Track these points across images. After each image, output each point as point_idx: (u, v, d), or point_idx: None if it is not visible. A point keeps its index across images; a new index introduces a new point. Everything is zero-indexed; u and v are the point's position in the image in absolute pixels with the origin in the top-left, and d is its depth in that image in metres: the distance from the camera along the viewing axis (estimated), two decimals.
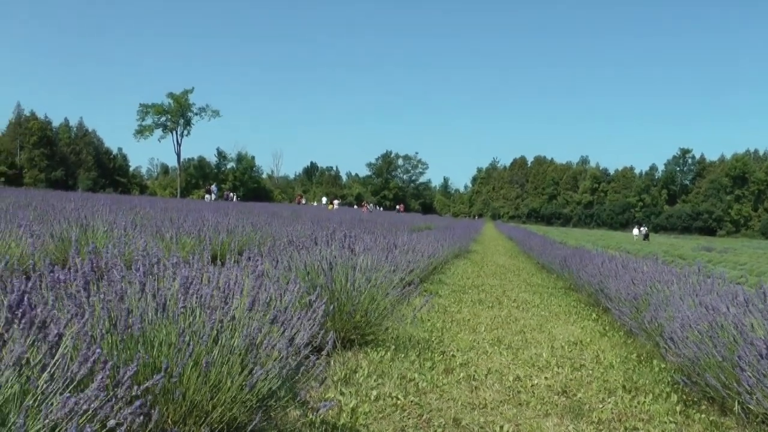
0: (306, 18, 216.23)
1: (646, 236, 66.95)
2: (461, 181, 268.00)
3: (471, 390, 6.00)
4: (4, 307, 2.56)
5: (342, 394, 5.38)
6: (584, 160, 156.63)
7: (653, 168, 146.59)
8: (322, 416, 4.62)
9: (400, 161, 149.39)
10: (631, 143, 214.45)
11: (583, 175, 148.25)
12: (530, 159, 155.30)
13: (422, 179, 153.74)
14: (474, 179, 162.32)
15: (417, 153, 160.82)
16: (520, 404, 5.69)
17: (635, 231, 73.24)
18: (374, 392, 5.49)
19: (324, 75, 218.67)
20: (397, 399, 5.43)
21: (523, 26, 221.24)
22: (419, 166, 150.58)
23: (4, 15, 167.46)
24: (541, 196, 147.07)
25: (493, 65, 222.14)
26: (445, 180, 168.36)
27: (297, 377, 4.31)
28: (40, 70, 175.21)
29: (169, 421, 3.56)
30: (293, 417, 4.48)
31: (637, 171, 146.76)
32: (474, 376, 6.47)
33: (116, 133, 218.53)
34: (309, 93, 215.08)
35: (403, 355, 6.89)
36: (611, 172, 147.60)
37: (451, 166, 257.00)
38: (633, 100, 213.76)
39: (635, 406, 5.82)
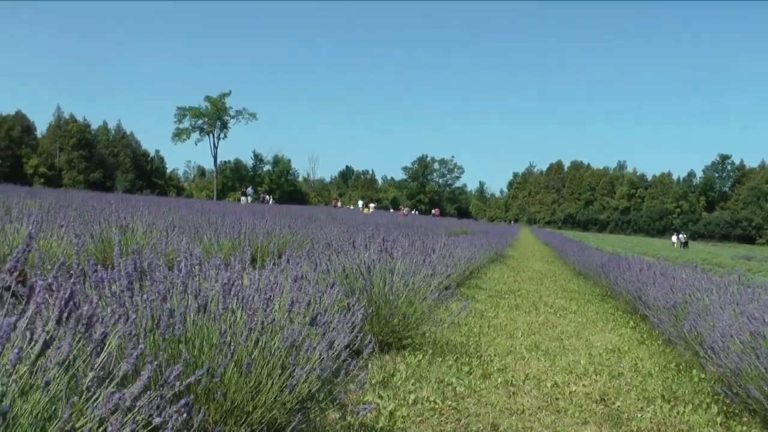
0: (343, 21, 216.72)
1: (685, 244, 66.36)
2: (497, 185, 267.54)
3: (509, 395, 5.98)
4: (54, 305, 2.59)
5: (380, 397, 5.38)
6: (621, 165, 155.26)
7: (691, 174, 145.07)
8: (360, 419, 4.62)
9: (436, 165, 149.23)
10: (669, 149, 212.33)
11: (620, 180, 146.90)
12: (567, 164, 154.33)
13: (458, 183, 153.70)
14: (510, 184, 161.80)
15: (453, 157, 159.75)
16: (558, 411, 5.65)
17: (674, 238, 72.61)
18: (412, 396, 5.49)
19: (361, 78, 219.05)
20: (435, 403, 5.42)
21: (560, 30, 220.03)
22: (455, 170, 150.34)
23: (45, 20, 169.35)
24: (578, 202, 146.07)
25: (530, 69, 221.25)
26: (481, 184, 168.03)
27: (336, 380, 4.32)
28: (79, 74, 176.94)
29: (210, 420, 3.59)
30: (332, 420, 4.49)
31: (675, 177, 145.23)
32: (511, 381, 6.44)
33: (154, 135, 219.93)
34: (346, 96, 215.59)
35: (440, 360, 6.88)
36: (649, 177, 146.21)
37: (487, 171, 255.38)
38: (671, 105, 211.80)
39: (674, 417, 5.76)
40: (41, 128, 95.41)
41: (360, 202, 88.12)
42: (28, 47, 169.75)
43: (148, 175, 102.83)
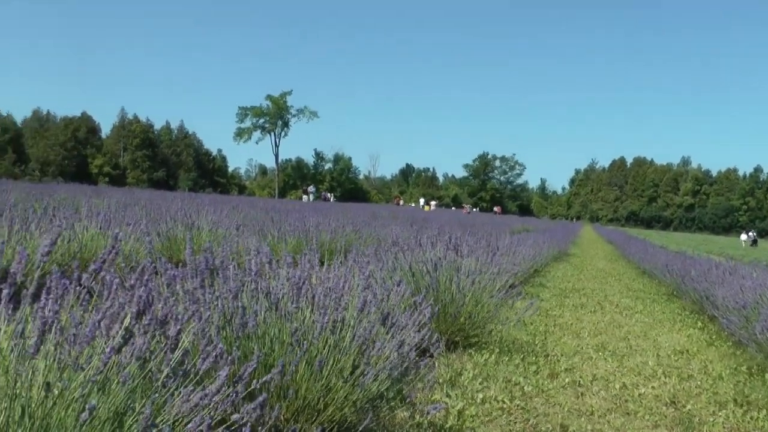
0: (403, 18, 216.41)
1: (754, 242, 64.94)
2: (559, 182, 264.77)
3: (577, 396, 5.91)
4: (132, 303, 2.62)
5: (448, 396, 5.35)
6: (685, 161, 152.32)
7: (758, 169, 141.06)
8: (429, 418, 4.60)
9: (497, 162, 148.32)
10: (735, 143, 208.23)
11: (684, 176, 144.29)
12: (629, 160, 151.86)
13: (519, 181, 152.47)
14: (572, 181, 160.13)
15: (514, 154, 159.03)
16: (627, 413, 5.55)
17: (743, 236, 70.87)
18: (480, 395, 5.46)
19: (420, 75, 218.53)
20: (503, 403, 5.38)
21: (623, 22, 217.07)
22: (516, 167, 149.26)
23: (109, 25, 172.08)
24: (641, 199, 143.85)
25: (592, 64, 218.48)
26: (543, 181, 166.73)
27: (404, 379, 4.31)
28: (143, 76, 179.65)
29: (282, 418, 3.60)
30: (401, 418, 4.47)
31: (741, 172, 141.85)
32: (579, 382, 6.36)
33: (216, 135, 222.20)
34: (406, 94, 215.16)
35: (507, 359, 6.83)
36: (714, 173, 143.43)
37: (548, 168, 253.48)
38: (737, 98, 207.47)
39: (748, 422, 5.60)
40: (106, 129, 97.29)
41: (421, 200, 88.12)
42: (94, 51, 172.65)
43: (211, 174, 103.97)
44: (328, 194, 78.37)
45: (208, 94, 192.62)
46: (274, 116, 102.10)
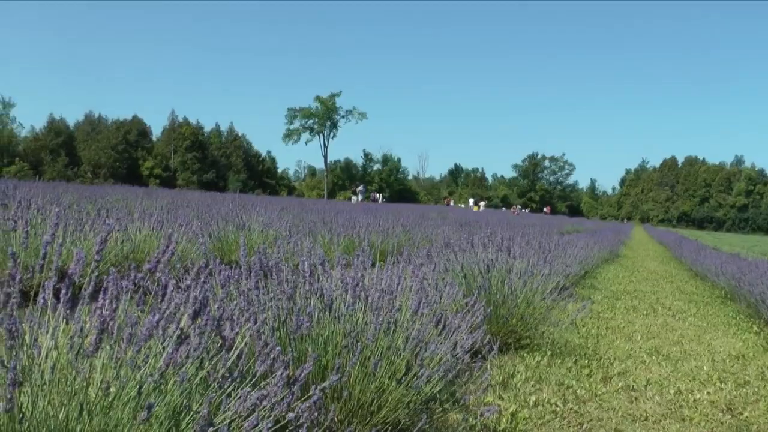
0: (450, 18, 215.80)
1: None
2: (609, 182, 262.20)
3: (630, 401, 5.82)
4: (189, 304, 2.63)
5: (501, 398, 5.32)
6: (738, 160, 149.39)
7: None
8: (482, 421, 4.57)
9: (547, 162, 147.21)
10: None
11: (738, 176, 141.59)
12: (681, 159, 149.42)
13: (569, 181, 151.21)
14: (622, 181, 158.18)
15: (564, 154, 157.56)
16: (683, 419, 5.45)
17: None
18: (533, 398, 5.41)
19: (468, 75, 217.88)
20: (556, 406, 5.33)
21: (672, 19, 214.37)
22: (566, 167, 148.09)
23: (160, 29, 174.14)
24: (692, 199, 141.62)
25: (643, 61, 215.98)
26: (592, 181, 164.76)
27: (457, 380, 4.29)
28: (193, 78, 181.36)
29: (336, 419, 3.60)
30: (453, 420, 4.45)
31: None
32: (633, 386, 6.27)
33: (265, 136, 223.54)
34: (454, 94, 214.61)
35: (559, 361, 6.77)
36: None
37: (598, 168, 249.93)
38: None
39: None
40: (156, 131, 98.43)
41: (470, 201, 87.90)
42: (144, 55, 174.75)
43: (260, 175, 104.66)
44: (377, 195, 78.46)
45: (257, 96, 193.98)
46: (323, 117, 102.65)
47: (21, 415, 2.21)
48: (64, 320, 2.46)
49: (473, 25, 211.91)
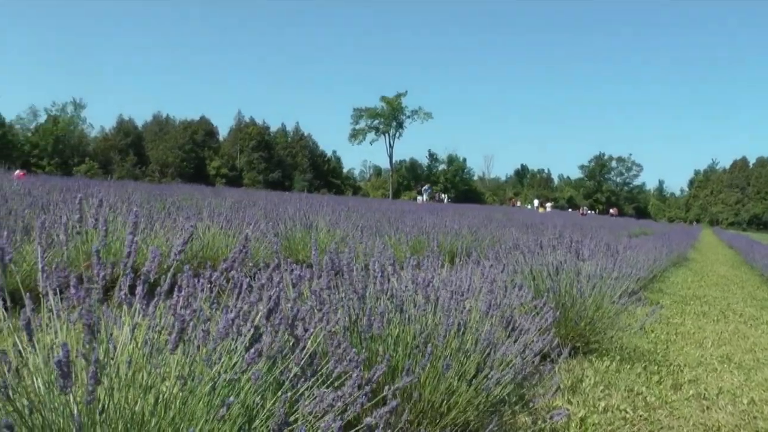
0: (517, 18, 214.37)
1: None
2: (677, 184, 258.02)
3: (702, 410, 5.69)
4: (263, 302, 2.65)
5: (570, 403, 5.26)
6: None
7: None
8: (551, 425, 4.53)
9: (614, 163, 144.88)
10: None
11: None
12: (752, 160, 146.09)
13: (636, 182, 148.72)
14: (690, 182, 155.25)
15: (631, 154, 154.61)
16: (757, 431, 5.35)
17: None
18: (602, 403, 5.34)
19: (535, 75, 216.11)
20: (626, 412, 5.25)
21: (737, 17, 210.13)
22: (633, 168, 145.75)
23: (225, 31, 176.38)
24: (764, 201, 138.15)
25: (712, 60, 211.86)
26: (660, 183, 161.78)
27: (525, 383, 4.26)
28: (260, 79, 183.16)
29: (406, 420, 3.59)
30: (522, 423, 4.41)
31: None
32: (704, 395, 6.13)
33: (331, 136, 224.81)
34: (521, 94, 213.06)
35: (628, 367, 6.67)
36: None
37: (666, 169, 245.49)
38: None
39: None
40: (223, 132, 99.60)
41: (536, 201, 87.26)
42: (212, 57, 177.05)
43: (325, 175, 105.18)
44: (442, 195, 78.38)
45: (323, 96, 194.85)
46: (389, 117, 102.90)
47: (102, 408, 2.24)
48: (141, 316, 2.51)
49: (539, 25, 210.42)
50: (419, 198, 63.15)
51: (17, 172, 25.55)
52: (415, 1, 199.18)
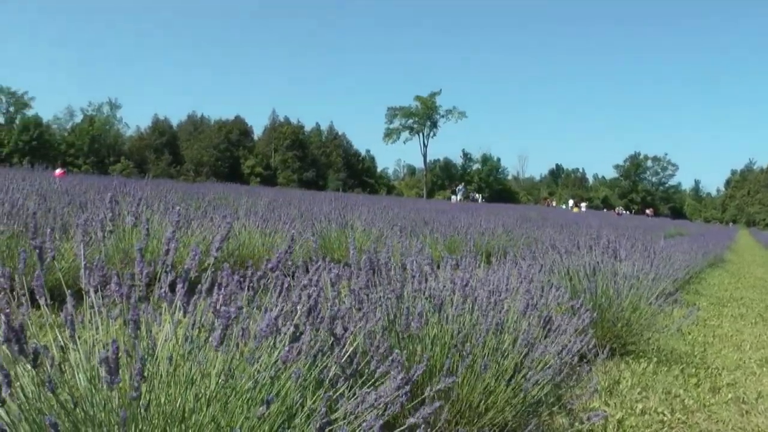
0: (548, 18, 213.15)
1: None
2: (713, 184, 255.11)
3: (741, 414, 5.62)
4: (303, 301, 2.67)
5: (607, 404, 5.23)
6: None
7: None
8: (588, 426, 4.50)
9: (649, 163, 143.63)
10: None
11: None
12: None
13: (671, 182, 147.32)
14: (727, 182, 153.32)
15: (666, 154, 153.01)
16: None
17: None
18: (639, 405, 5.30)
19: (570, 74, 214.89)
20: (664, 415, 5.20)
21: None
22: (668, 167, 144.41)
23: (262, 31, 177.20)
24: None
25: (749, 57, 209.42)
26: (696, 183, 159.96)
27: (563, 384, 4.23)
28: (295, 78, 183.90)
29: (443, 420, 3.58)
30: (559, 425, 4.38)
31: None
32: (743, 398, 6.05)
33: (364, 135, 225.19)
34: (555, 93, 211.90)
35: (665, 369, 6.61)
36: None
37: (702, 168, 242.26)
38: None
39: None
40: (257, 131, 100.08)
41: (570, 201, 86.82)
42: (247, 57, 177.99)
43: (359, 174, 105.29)
44: (476, 195, 78.25)
45: (357, 95, 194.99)
46: (423, 117, 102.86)
47: (146, 404, 2.27)
48: (181, 313, 2.53)
49: (573, 23, 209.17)
50: (453, 197, 63.10)
51: (57, 170, 25.77)
52: (448, 0, 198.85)
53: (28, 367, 2.18)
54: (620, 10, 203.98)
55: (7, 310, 2.18)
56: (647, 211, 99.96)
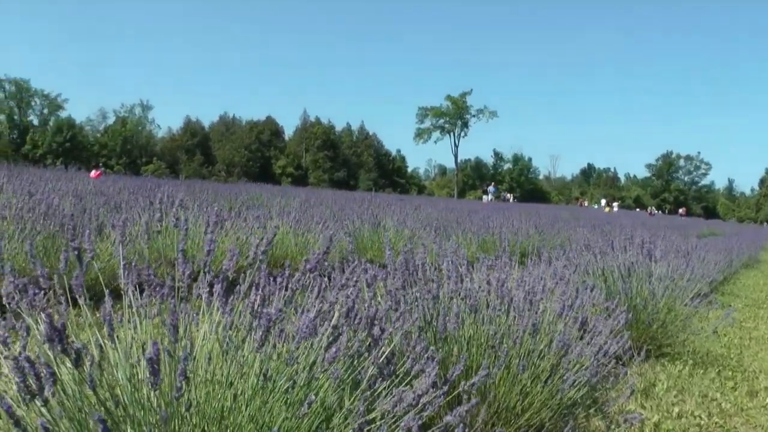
0: (581, 17, 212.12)
1: None
2: (747, 183, 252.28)
3: None
4: (341, 302, 2.68)
5: (642, 407, 5.19)
6: None
7: None
8: (624, 429, 4.46)
9: (681, 162, 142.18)
10: None
11: None
12: None
13: (704, 181, 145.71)
14: (761, 181, 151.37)
15: (699, 153, 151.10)
16: None
17: None
18: (675, 409, 5.25)
19: (601, 73, 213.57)
20: (701, 419, 5.14)
21: None
22: (701, 166, 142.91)
23: (291, 32, 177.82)
24: None
25: None
26: (730, 182, 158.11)
27: (599, 386, 4.21)
28: (326, 79, 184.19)
29: (479, 421, 3.58)
30: (595, 427, 4.36)
31: None
32: None
33: (395, 135, 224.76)
34: (587, 92, 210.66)
35: (701, 372, 6.54)
36: None
37: (736, 167, 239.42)
38: None
39: None
40: (288, 131, 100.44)
41: (603, 201, 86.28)
42: (279, 57, 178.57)
43: (390, 174, 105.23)
44: (508, 195, 78.03)
45: (388, 95, 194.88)
46: (454, 116, 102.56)
47: (189, 404, 2.29)
48: (220, 313, 2.55)
49: (603, 21, 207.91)
50: (484, 197, 62.92)
51: (93, 172, 25.91)
52: (479, 0, 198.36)
53: (68, 365, 2.21)
54: (650, 10, 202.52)
55: (50, 311, 2.22)
56: (680, 211, 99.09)
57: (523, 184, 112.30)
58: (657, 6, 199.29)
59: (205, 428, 2.42)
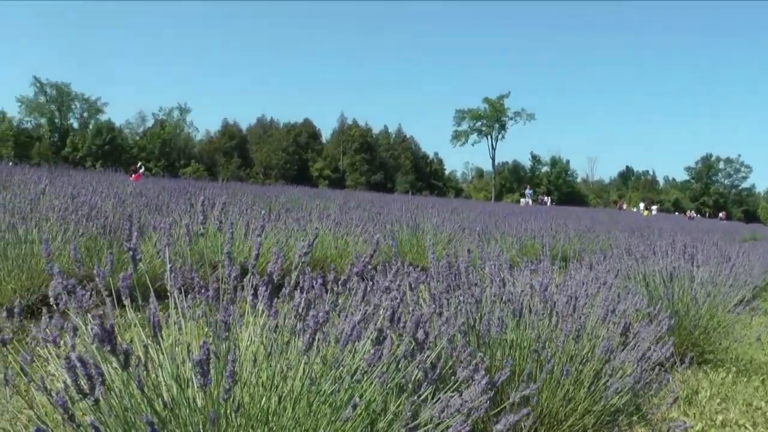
0: (617, 19, 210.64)
1: None
2: None
3: None
4: (386, 305, 2.68)
5: (686, 415, 5.13)
6: None
7: None
8: None
9: (721, 164, 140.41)
10: None
11: None
12: None
13: (745, 184, 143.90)
14: None
15: (740, 155, 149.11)
16: None
17: None
18: (719, 417, 5.18)
19: (641, 75, 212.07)
20: (745, 428, 5.06)
21: None
22: (742, 169, 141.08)
23: (329, 35, 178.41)
24: None
25: None
26: None
27: (641, 393, 4.16)
28: (364, 81, 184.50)
29: (523, 425, 3.56)
30: None
31: None
32: None
33: (433, 138, 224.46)
34: (625, 94, 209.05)
35: (745, 380, 6.45)
36: None
37: None
38: None
39: None
40: (326, 134, 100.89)
41: (641, 204, 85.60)
42: (316, 60, 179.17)
43: (427, 177, 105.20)
44: (545, 198, 77.67)
45: (425, 98, 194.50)
46: (491, 119, 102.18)
47: (237, 405, 2.30)
48: (266, 315, 2.57)
49: (641, 22, 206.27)
50: (522, 200, 62.71)
51: (134, 175, 26.07)
52: (516, 2, 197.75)
53: (114, 365, 2.23)
54: (688, 11, 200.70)
55: (100, 312, 2.25)
56: (720, 215, 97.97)
57: (561, 187, 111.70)
58: (695, 7, 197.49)
59: (251, 430, 2.43)
